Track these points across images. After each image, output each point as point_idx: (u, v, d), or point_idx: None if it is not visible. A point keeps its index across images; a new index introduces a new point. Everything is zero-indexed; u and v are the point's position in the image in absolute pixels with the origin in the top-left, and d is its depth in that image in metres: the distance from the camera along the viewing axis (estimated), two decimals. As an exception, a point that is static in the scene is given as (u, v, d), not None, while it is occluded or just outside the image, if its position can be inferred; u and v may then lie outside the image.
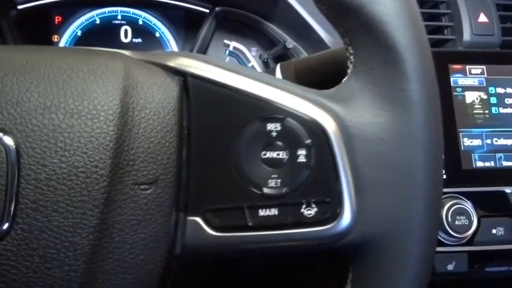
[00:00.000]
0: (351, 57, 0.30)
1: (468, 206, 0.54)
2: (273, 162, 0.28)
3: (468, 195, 0.55)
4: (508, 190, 0.55)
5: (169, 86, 0.29)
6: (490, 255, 0.56)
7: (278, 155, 0.28)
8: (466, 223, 0.53)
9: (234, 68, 0.30)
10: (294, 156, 0.28)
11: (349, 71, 0.30)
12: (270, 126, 0.28)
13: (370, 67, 0.29)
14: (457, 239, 0.53)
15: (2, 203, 0.24)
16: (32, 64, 0.26)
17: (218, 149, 0.28)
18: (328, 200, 0.28)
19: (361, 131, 0.28)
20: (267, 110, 0.29)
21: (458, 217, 0.53)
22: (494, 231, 0.55)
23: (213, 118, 0.29)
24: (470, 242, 0.54)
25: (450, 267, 0.55)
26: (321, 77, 0.41)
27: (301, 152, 0.28)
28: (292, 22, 0.62)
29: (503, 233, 0.55)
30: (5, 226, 0.24)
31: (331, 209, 0.28)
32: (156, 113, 0.27)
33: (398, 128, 0.28)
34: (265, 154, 0.29)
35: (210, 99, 0.29)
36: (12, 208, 0.24)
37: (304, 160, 0.28)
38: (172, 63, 0.30)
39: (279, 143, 0.29)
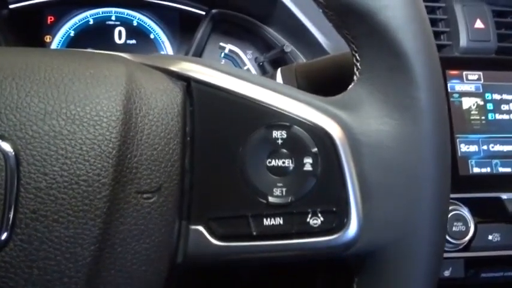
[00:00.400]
0: (358, 63, 0.29)
1: (465, 212, 0.54)
2: (278, 171, 0.28)
3: (465, 201, 0.55)
4: (504, 196, 0.56)
5: (172, 91, 0.28)
6: (486, 261, 0.56)
7: (284, 163, 0.28)
8: (463, 229, 0.53)
9: (238, 73, 0.29)
10: (300, 164, 0.28)
11: (355, 77, 0.30)
12: (276, 133, 0.28)
13: (378, 74, 0.28)
14: (454, 245, 0.53)
15: (1, 212, 0.23)
16: (32, 67, 0.25)
17: (222, 157, 0.28)
18: (334, 209, 0.28)
19: (368, 139, 0.28)
20: (273, 117, 0.28)
21: (455, 223, 0.53)
22: (490, 237, 0.55)
23: (217, 124, 0.28)
24: (466, 248, 0.55)
25: (447, 273, 0.55)
26: (323, 82, 0.41)
27: (307, 160, 0.28)
28: (289, 25, 0.61)
29: (499, 239, 0.55)
30: (4, 236, 0.23)
31: (337, 219, 0.27)
32: (160, 119, 0.27)
33: (406, 136, 0.27)
34: (270, 162, 0.28)
35: (214, 105, 0.28)
36: (11, 218, 0.23)
37: (311, 168, 0.28)
38: (175, 67, 0.29)
39: (285, 150, 0.28)
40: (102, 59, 0.28)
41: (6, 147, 0.23)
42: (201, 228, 0.27)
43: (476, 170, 0.56)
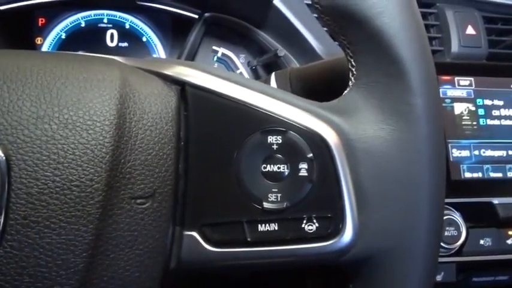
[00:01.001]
0: (353, 69, 0.29)
1: (457, 216, 0.54)
2: (273, 176, 0.28)
3: (457, 206, 0.55)
4: (495, 201, 0.56)
5: (166, 95, 0.28)
6: (478, 266, 0.56)
7: (279, 168, 0.28)
8: (455, 234, 0.54)
9: (233, 78, 0.29)
10: (295, 169, 0.28)
11: (350, 83, 0.30)
12: (271, 138, 0.28)
13: (374, 80, 0.28)
14: (446, 250, 0.54)
15: None
16: (24, 71, 0.25)
17: (217, 162, 0.27)
18: (330, 215, 0.27)
19: (364, 145, 0.28)
20: (268, 122, 0.28)
21: (447, 228, 0.53)
22: (482, 241, 0.55)
23: (212, 129, 0.28)
24: (458, 252, 0.55)
25: (439, 277, 0.55)
26: (318, 87, 0.41)
27: (303, 166, 0.28)
28: (283, 30, 0.61)
29: (490, 243, 0.55)
30: None
31: (333, 225, 0.27)
32: (154, 124, 0.26)
33: (402, 143, 0.27)
34: (265, 167, 0.28)
35: (209, 109, 0.28)
36: (1, 223, 0.23)
37: (306, 174, 0.28)
38: (169, 71, 0.29)
39: (280, 156, 0.28)
40: (95, 62, 0.27)
41: None
42: (195, 234, 0.27)
43: (467, 175, 0.57)
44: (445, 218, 0.53)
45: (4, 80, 0.24)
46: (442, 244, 0.53)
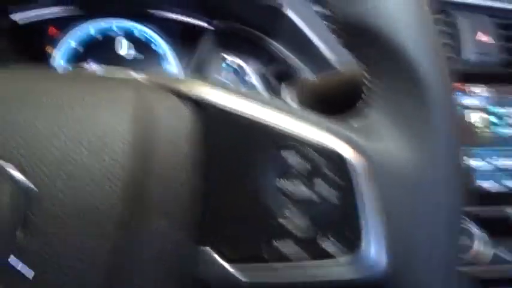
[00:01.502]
0: (369, 83, 0.29)
1: (470, 226, 0.54)
2: (290, 193, 0.28)
3: (469, 215, 0.55)
4: (508, 210, 0.55)
5: (183, 114, 0.28)
6: (492, 276, 0.56)
7: (295, 185, 0.28)
8: (468, 243, 0.53)
9: (249, 96, 0.29)
10: (312, 186, 0.27)
11: (366, 97, 0.29)
12: (288, 155, 0.28)
13: (390, 96, 0.28)
14: (460, 260, 0.53)
15: (7, 236, 0.23)
16: (40, 91, 0.25)
17: (233, 179, 0.27)
18: (347, 233, 0.27)
19: (382, 162, 0.27)
20: (284, 139, 0.28)
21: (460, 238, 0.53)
22: (495, 251, 0.55)
23: (228, 147, 0.28)
24: (472, 262, 0.54)
25: (452, 288, 0.54)
26: (330, 99, 0.41)
27: (320, 183, 0.27)
28: (293, 38, 0.61)
29: (504, 254, 0.55)
30: (12, 262, 0.22)
31: (351, 244, 0.27)
32: (171, 142, 0.26)
33: (422, 161, 0.27)
34: (282, 184, 0.28)
35: (225, 127, 0.28)
36: (19, 243, 0.23)
37: (323, 191, 0.27)
38: (186, 89, 0.29)
39: (297, 172, 0.28)
40: (111, 82, 0.28)
41: (14, 171, 0.23)
42: (211, 250, 0.27)
43: (480, 183, 0.56)
44: (458, 227, 0.53)
45: (20, 99, 0.24)
46: (455, 254, 0.53)
